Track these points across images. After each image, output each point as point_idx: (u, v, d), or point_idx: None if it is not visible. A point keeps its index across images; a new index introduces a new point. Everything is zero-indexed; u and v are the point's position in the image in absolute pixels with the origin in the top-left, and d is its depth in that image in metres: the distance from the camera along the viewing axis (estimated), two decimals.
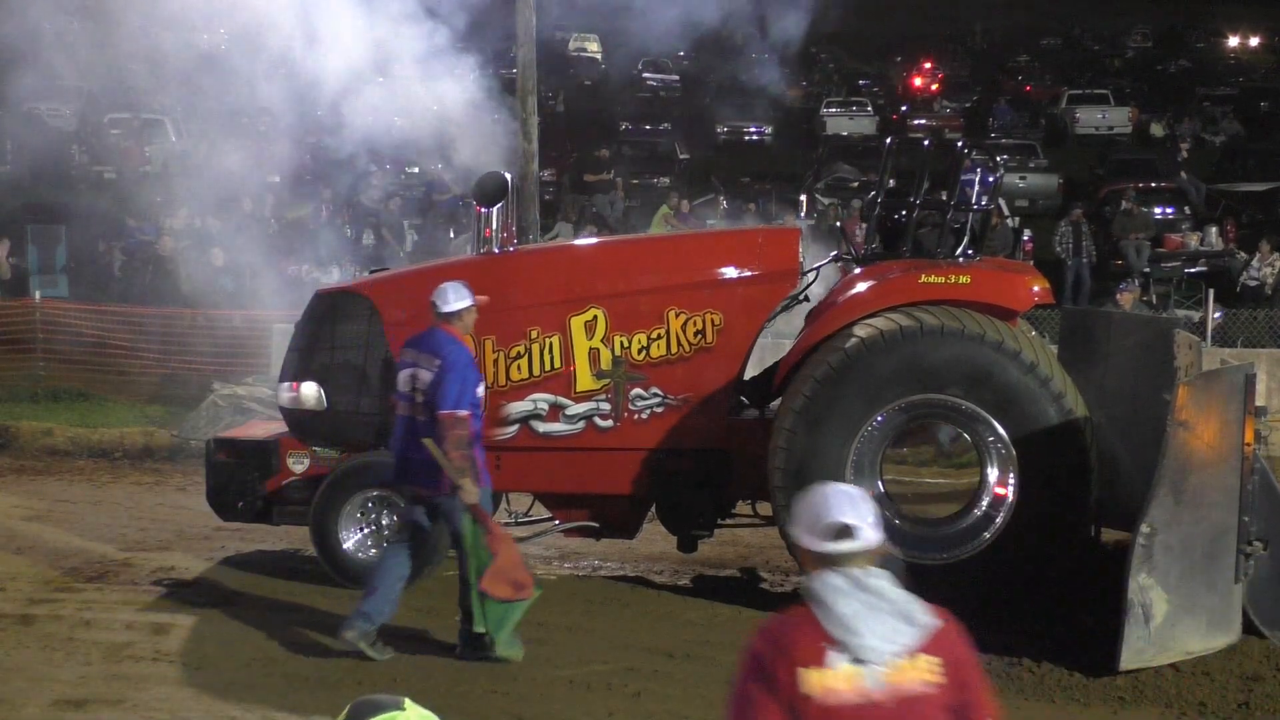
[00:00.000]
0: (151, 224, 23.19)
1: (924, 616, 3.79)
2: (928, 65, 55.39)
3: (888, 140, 11.22)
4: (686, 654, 8.62)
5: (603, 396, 9.58)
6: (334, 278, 18.97)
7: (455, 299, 8.39)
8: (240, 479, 10.07)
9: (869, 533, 3.89)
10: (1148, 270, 22.86)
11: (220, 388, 15.01)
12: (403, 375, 8.47)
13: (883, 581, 3.84)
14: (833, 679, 3.68)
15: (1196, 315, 17.63)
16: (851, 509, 3.91)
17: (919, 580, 9.00)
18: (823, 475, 9.07)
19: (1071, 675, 8.18)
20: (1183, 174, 30.42)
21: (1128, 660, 7.95)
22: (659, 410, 9.54)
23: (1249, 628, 8.39)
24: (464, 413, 8.08)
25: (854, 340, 9.13)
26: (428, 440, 8.12)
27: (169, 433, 14.74)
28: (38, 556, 10.53)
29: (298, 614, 9.23)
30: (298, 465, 10.05)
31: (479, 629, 8.31)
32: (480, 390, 8.38)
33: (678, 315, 9.64)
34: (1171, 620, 8.03)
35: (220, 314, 18.06)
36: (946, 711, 3.74)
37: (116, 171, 32.45)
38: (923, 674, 3.72)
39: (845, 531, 3.85)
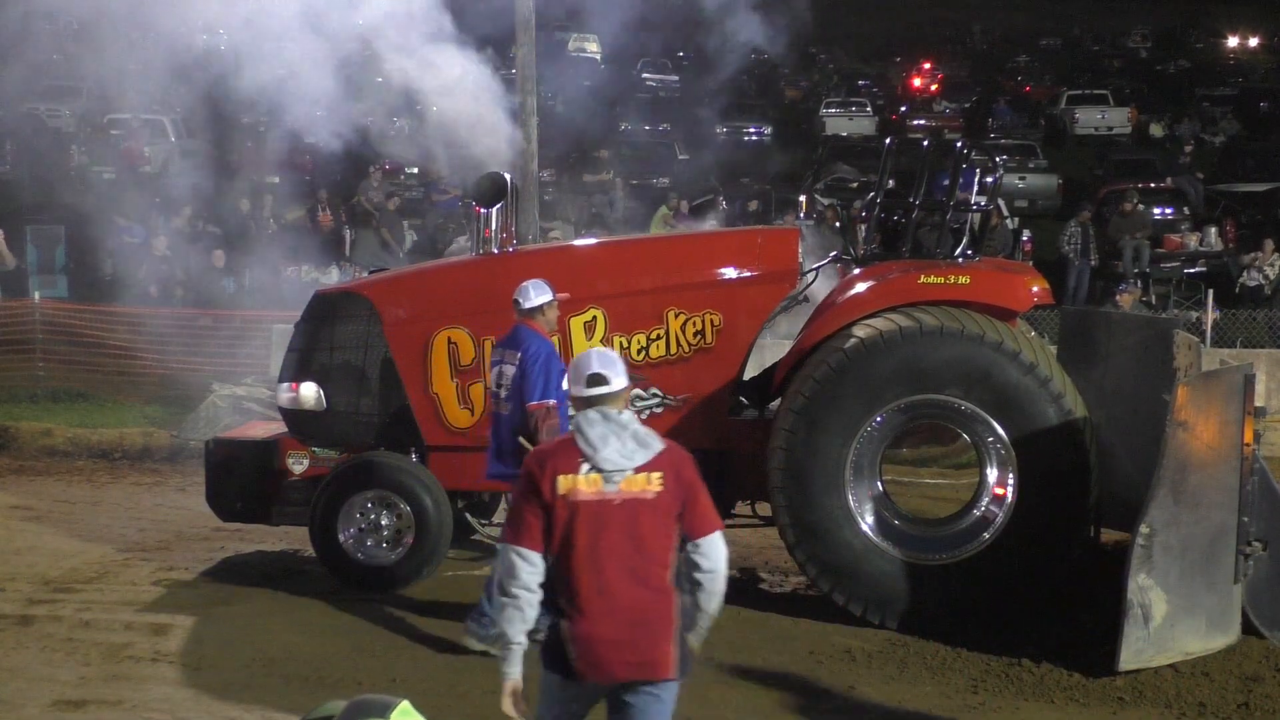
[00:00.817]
0: (140, 225, 23.19)
1: (656, 443, 5.16)
2: (927, 66, 55.39)
3: (887, 141, 11.22)
4: None
5: None
6: (333, 278, 18.98)
7: (536, 295, 8.54)
8: (240, 479, 10.08)
9: (617, 381, 5.22)
10: (1147, 271, 22.87)
11: (219, 388, 15.00)
12: (492, 374, 8.63)
13: (626, 416, 5.18)
14: (580, 482, 5.08)
15: (1195, 315, 17.65)
16: (603, 365, 5.22)
17: (919, 580, 9.07)
18: (822, 475, 9.10)
19: (1071, 675, 8.19)
20: (1192, 175, 30.40)
21: (1127, 660, 7.95)
22: (658, 411, 9.54)
23: (1248, 628, 8.39)
24: (552, 401, 8.25)
25: (853, 341, 9.13)
26: (520, 436, 8.27)
27: (168, 433, 14.74)
28: (37, 557, 10.53)
29: (297, 614, 9.24)
30: (297, 466, 10.05)
31: None
32: (565, 382, 8.50)
33: (677, 316, 9.64)
34: (1171, 621, 8.03)
35: (220, 314, 18.07)
36: (668, 513, 5.15)
37: (116, 172, 32.45)
38: (648, 484, 5.11)
39: (598, 379, 5.20)
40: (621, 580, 5.09)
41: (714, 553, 5.29)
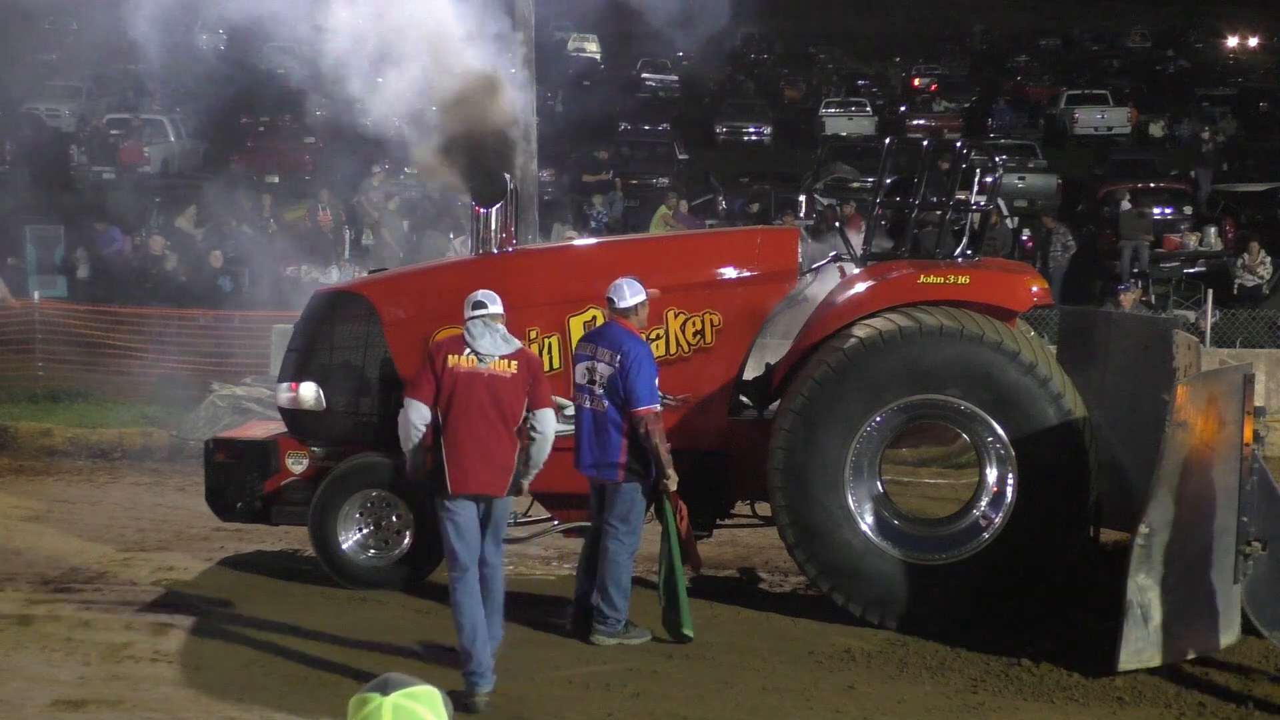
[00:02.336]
0: (117, 227, 23.21)
1: (516, 344, 7.92)
2: (925, 65, 55.42)
3: (887, 140, 11.21)
4: (686, 654, 8.62)
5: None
6: (332, 278, 18.98)
7: (631, 294, 8.67)
8: (239, 479, 10.07)
9: (494, 307, 7.94)
10: (1146, 271, 22.87)
11: (219, 388, 15.00)
12: (580, 368, 8.72)
13: (498, 324, 7.89)
14: (462, 361, 7.78)
15: (1194, 316, 17.64)
16: (485, 296, 7.98)
17: (919, 580, 9.06)
18: (822, 475, 9.10)
19: (1070, 676, 8.19)
20: (1214, 169, 30.37)
21: (1126, 661, 7.95)
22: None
23: (1248, 628, 8.39)
24: (657, 406, 8.53)
25: (853, 341, 9.12)
26: (644, 436, 8.46)
27: (168, 433, 14.73)
28: (36, 557, 10.53)
29: (297, 615, 9.23)
30: (297, 465, 10.04)
31: (686, 630, 8.66)
32: (657, 380, 8.72)
33: (676, 316, 9.64)
34: (1170, 621, 8.02)
35: (220, 314, 18.06)
36: (519, 389, 7.78)
37: (115, 172, 32.44)
38: (508, 367, 7.78)
39: (480, 304, 7.94)
40: (482, 428, 7.71)
41: (545, 422, 7.84)
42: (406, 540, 9.69)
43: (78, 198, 28.98)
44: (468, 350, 7.77)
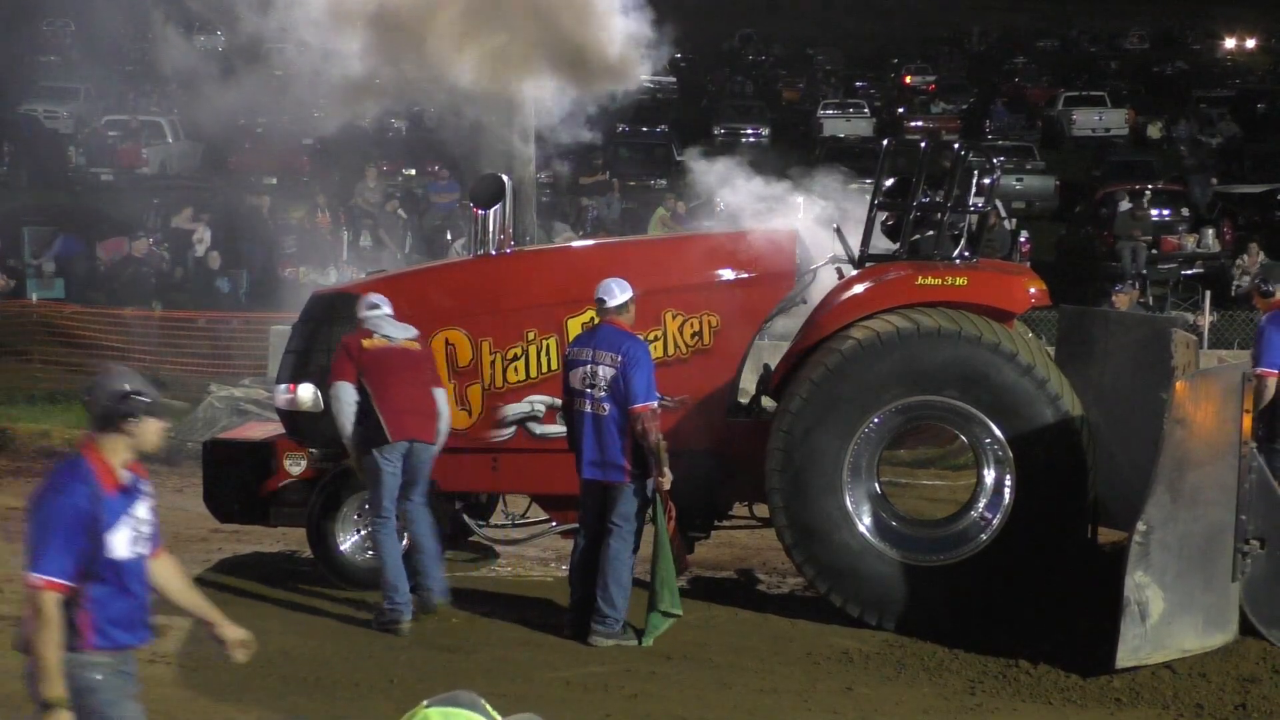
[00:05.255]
0: (87, 233, 23.25)
1: (413, 330, 9.16)
2: (918, 65, 55.55)
3: (885, 142, 11.21)
4: (684, 655, 8.61)
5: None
6: (331, 279, 18.97)
7: (620, 293, 8.71)
8: (237, 481, 10.06)
9: (386, 307, 9.17)
10: (1144, 272, 22.88)
11: (217, 389, 14.99)
12: (576, 373, 8.72)
13: (401, 325, 9.15)
14: (376, 341, 9.01)
15: (1192, 317, 17.63)
16: (378, 299, 9.24)
17: (917, 581, 9.05)
18: (820, 477, 9.10)
19: (1068, 677, 8.18)
20: (1204, 176, 30.40)
21: (1124, 658, 7.95)
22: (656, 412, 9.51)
23: (1246, 627, 8.39)
24: (654, 404, 8.54)
25: (850, 342, 9.12)
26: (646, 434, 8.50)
27: (165, 434, 14.72)
28: None
29: (294, 616, 9.23)
30: (295, 467, 10.03)
31: (673, 609, 8.69)
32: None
33: (675, 317, 9.64)
34: (1168, 619, 8.03)
35: (218, 316, 18.06)
36: (421, 364, 9.09)
37: (113, 173, 32.44)
38: (411, 344, 9.08)
39: (375, 305, 9.18)
40: (408, 383, 8.98)
41: (440, 399, 9.16)
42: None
43: (76, 199, 29.01)
44: (376, 335, 9.05)
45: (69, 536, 4.84)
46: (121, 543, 4.99)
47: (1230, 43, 65.83)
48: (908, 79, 53.21)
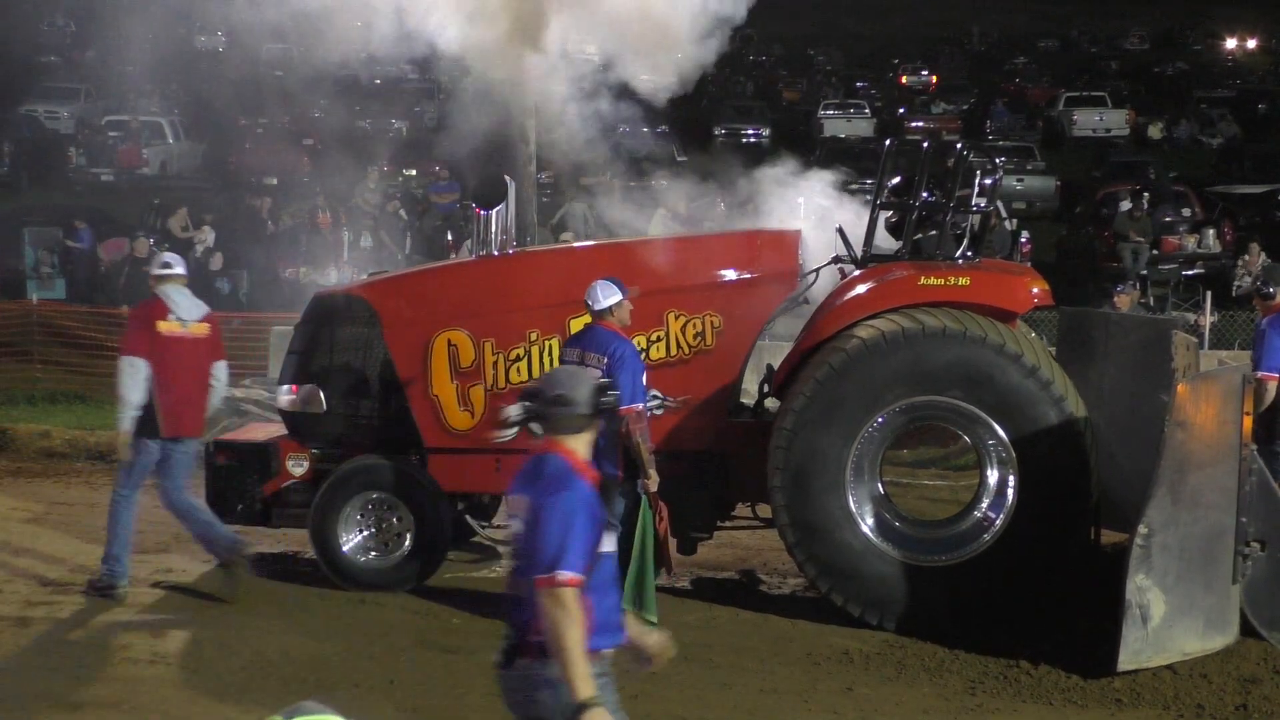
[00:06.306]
0: (87, 229, 23.24)
1: (205, 306, 9.57)
2: (915, 65, 55.58)
3: (887, 142, 11.21)
4: (684, 656, 8.57)
5: None
6: (331, 280, 18.97)
7: (605, 295, 8.71)
8: (240, 482, 10.07)
9: (178, 269, 9.53)
10: (1144, 273, 22.87)
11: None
12: None
13: (186, 288, 9.44)
14: (170, 326, 9.28)
15: (1193, 317, 17.64)
16: (171, 259, 9.72)
17: (918, 581, 9.04)
18: (822, 476, 9.10)
19: (1069, 678, 8.18)
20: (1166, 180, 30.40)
21: (1125, 661, 7.95)
22: (658, 412, 9.53)
23: (1247, 629, 8.39)
24: (640, 405, 8.51)
25: (855, 341, 9.11)
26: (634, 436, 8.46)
27: None
28: (35, 559, 10.52)
29: (295, 617, 9.23)
30: (297, 468, 10.04)
31: (651, 617, 8.64)
32: (644, 378, 8.71)
33: (677, 317, 9.64)
34: (1169, 621, 8.03)
35: (217, 316, 18.02)
36: (211, 349, 9.49)
37: (114, 174, 32.44)
38: (202, 329, 9.42)
39: (167, 265, 9.54)
40: (185, 378, 9.32)
41: (222, 372, 9.63)
42: (407, 542, 9.68)
43: (76, 199, 29.01)
44: (172, 315, 9.30)
45: (584, 533, 4.68)
46: (609, 539, 4.87)
47: (1231, 43, 65.84)
48: (903, 79, 53.23)
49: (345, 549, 9.69)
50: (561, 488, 4.78)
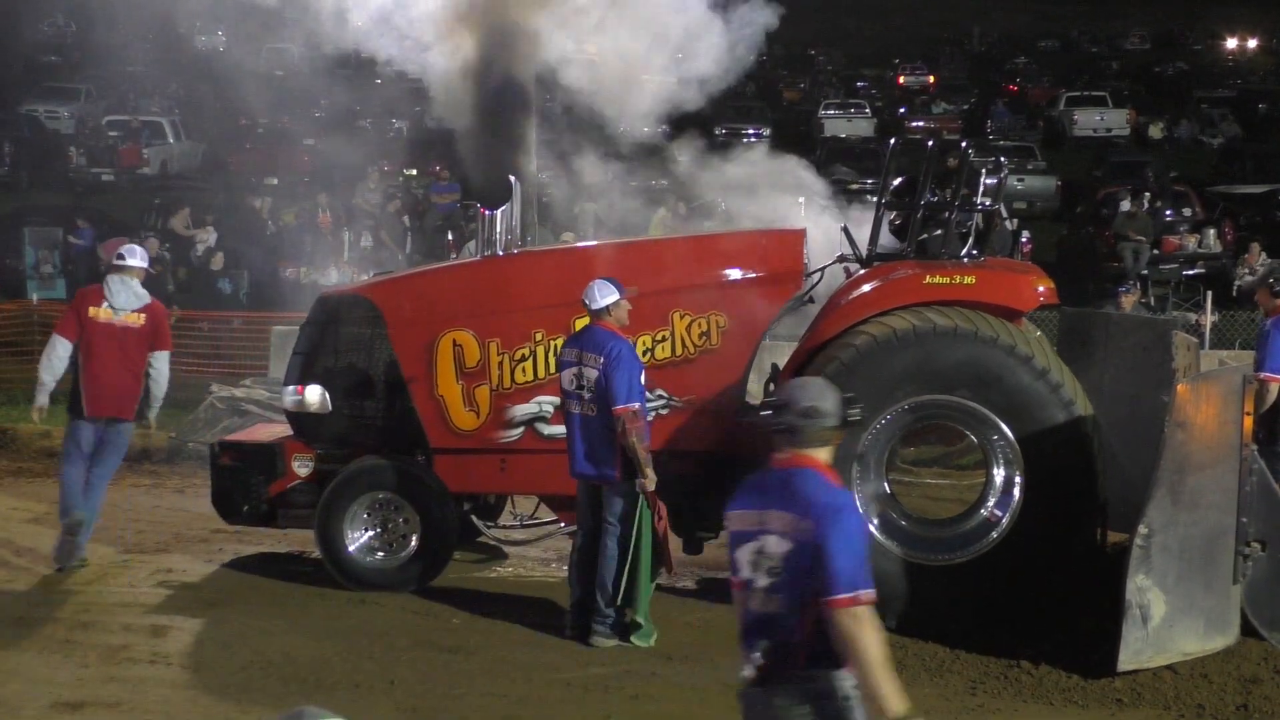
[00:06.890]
0: (89, 228, 23.26)
1: (146, 298, 9.95)
2: (912, 66, 55.58)
3: (891, 141, 11.19)
4: (684, 656, 8.61)
5: None
6: (332, 280, 18.98)
7: (602, 295, 8.69)
8: (245, 482, 10.06)
9: (131, 261, 10.03)
10: (1145, 273, 22.87)
11: (218, 390, 14.98)
12: (566, 374, 8.73)
13: (133, 280, 9.89)
14: (101, 312, 9.80)
15: (1194, 317, 17.64)
16: (127, 252, 10.11)
17: (921, 580, 9.01)
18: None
19: (1070, 677, 8.18)
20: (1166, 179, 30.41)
21: (1125, 661, 7.95)
22: (663, 412, 9.52)
23: (1247, 629, 8.39)
24: (637, 405, 8.50)
25: (865, 337, 9.08)
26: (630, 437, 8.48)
27: (167, 435, 14.71)
28: (36, 558, 10.52)
29: (296, 617, 9.23)
30: (302, 468, 10.03)
31: (639, 617, 8.70)
32: (643, 378, 8.69)
33: (682, 317, 9.63)
34: (1169, 621, 8.03)
35: (219, 316, 18.05)
36: (145, 338, 9.92)
37: (114, 174, 32.42)
38: (136, 320, 9.84)
39: (120, 258, 10.08)
40: (114, 366, 9.85)
41: (162, 361, 10.05)
42: (413, 543, 9.67)
43: (76, 199, 29.00)
44: (105, 303, 9.85)
45: (867, 552, 4.73)
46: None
47: (1231, 43, 65.83)
48: (901, 79, 53.22)
49: (351, 549, 9.68)
50: (843, 506, 4.84)
